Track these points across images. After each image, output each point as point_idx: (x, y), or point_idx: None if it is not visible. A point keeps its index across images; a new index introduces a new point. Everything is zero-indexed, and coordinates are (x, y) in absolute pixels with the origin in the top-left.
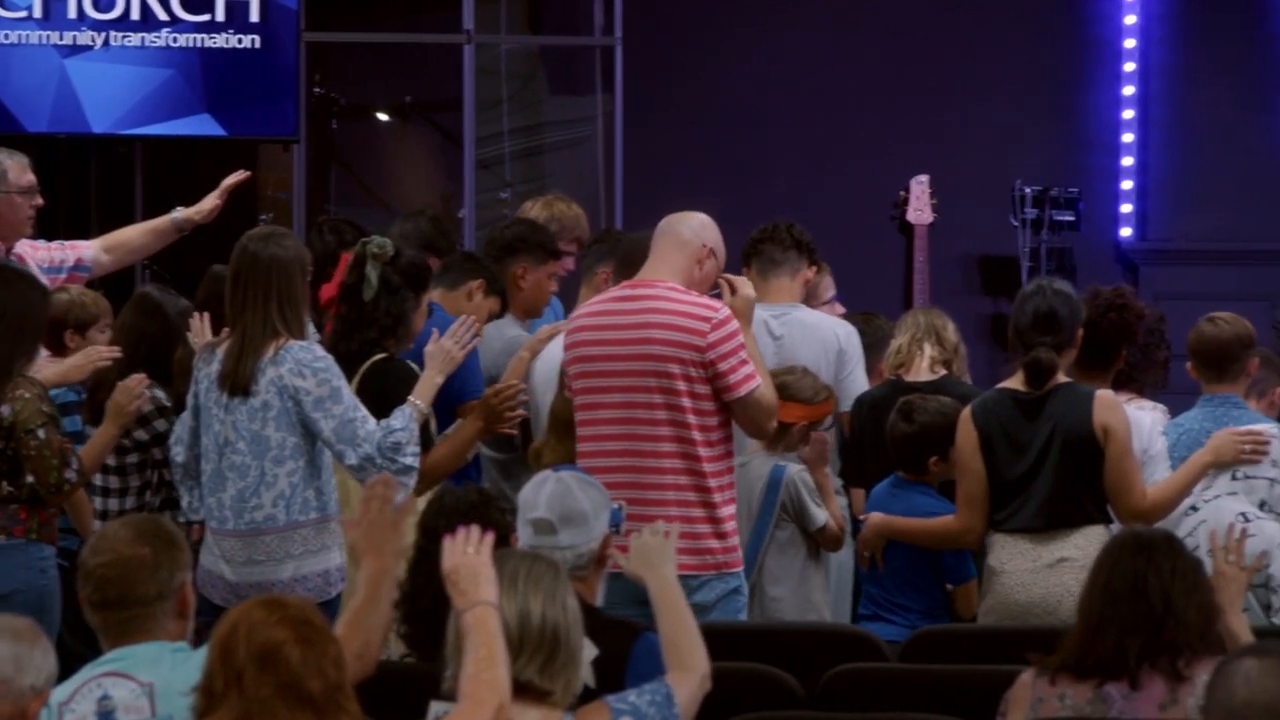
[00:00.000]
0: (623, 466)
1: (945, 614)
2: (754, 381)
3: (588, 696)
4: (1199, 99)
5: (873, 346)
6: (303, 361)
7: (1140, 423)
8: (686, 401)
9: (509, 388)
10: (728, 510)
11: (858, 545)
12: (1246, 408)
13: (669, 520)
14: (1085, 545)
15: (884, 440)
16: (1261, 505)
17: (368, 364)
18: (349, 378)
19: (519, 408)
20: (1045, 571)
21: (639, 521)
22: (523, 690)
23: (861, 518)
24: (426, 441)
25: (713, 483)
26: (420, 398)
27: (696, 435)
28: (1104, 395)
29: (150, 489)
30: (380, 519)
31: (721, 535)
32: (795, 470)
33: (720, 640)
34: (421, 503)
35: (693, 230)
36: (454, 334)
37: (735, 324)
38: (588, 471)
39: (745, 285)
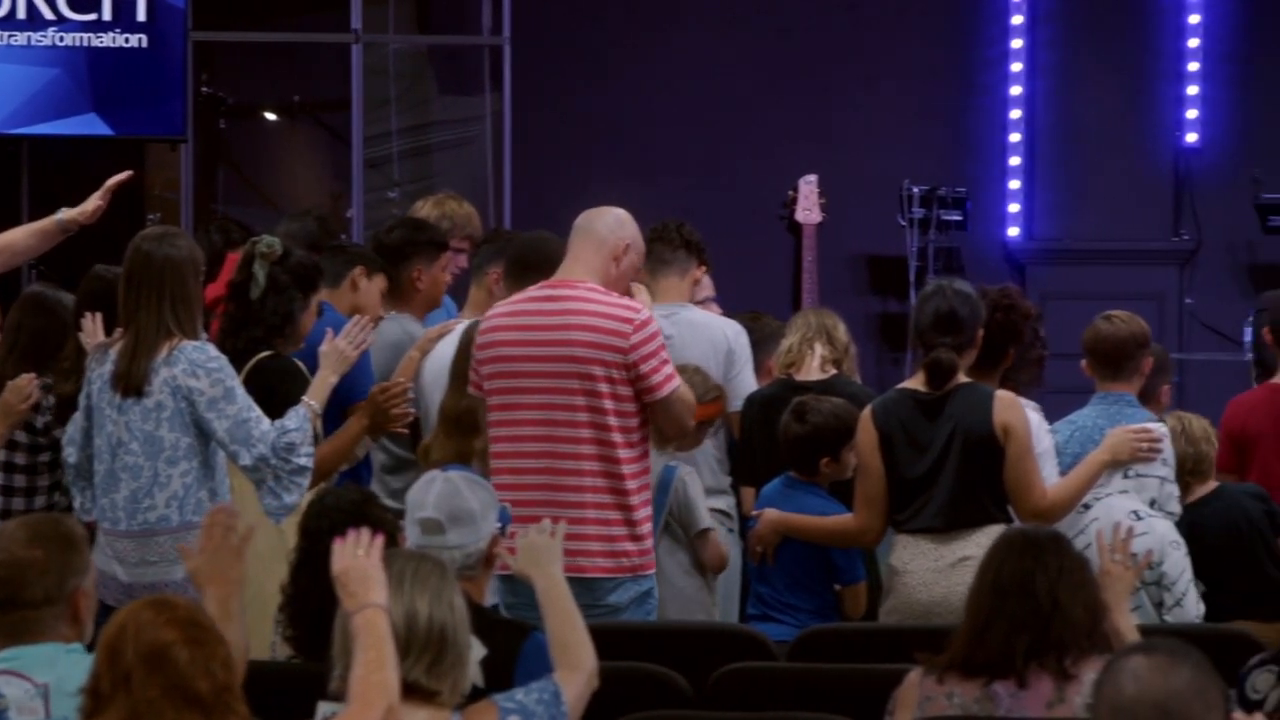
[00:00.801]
0: (541, 469)
1: (834, 614)
2: (675, 381)
3: (476, 696)
4: (1085, 99)
5: (760, 344)
6: (196, 362)
7: (1029, 421)
8: (608, 404)
9: (395, 385)
10: (644, 513)
11: (749, 541)
12: (1139, 406)
13: (586, 523)
14: (986, 545)
15: (774, 439)
16: (1152, 503)
17: (252, 362)
18: None
19: (406, 406)
20: (947, 571)
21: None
22: (411, 691)
23: (755, 513)
24: (313, 441)
25: (631, 484)
26: (314, 398)
27: (617, 438)
28: (1004, 395)
29: (60, 489)
30: (222, 547)
31: (637, 538)
32: (685, 472)
33: (609, 639)
34: (306, 502)
35: (609, 227)
36: (347, 334)
37: (655, 325)
38: (503, 473)
39: (641, 292)
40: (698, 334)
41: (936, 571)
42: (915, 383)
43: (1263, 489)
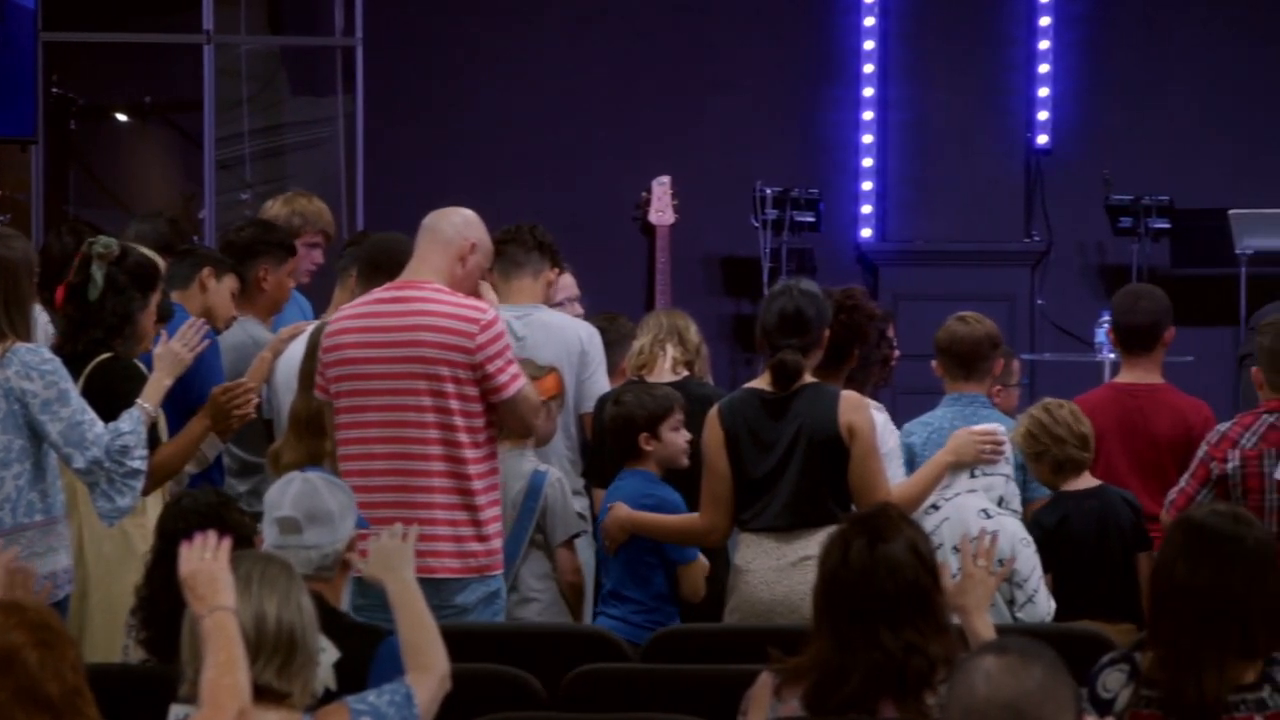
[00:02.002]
0: (389, 470)
1: (668, 602)
2: (521, 380)
3: (329, 699)
4: (936, 101)
5: (614, 346)
6: (30, 364)
7: (874, 421)
8: (455, 404)
9: (237, 385)
10: (491, 513)
11: (601, 532)
12: (991, 407)
13: (435, 524)
14: None
15: None
16: (999, 502)
17: (92, 364)
18: (74, 378)
19: (247, 407)
20: (789, 570)
21: (406, 525)
22: (262, 693)
23: (608, 505)
24: (154, 443)
25: (478, 484)
26: (148, 400)
27: (464, 438)
28: (849, 395)
29: None
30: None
31: (484, 538)
32: (555, 477)
33: (462, 641)
34: (153, 504)
35: (455, 228)
36: (183, 336)
37: (502, 325)
38: (352, 475)
39: (488, 291)
40: (551, 335)
41: (778, 570)
42: (762, 382)
43: (1136, 499)
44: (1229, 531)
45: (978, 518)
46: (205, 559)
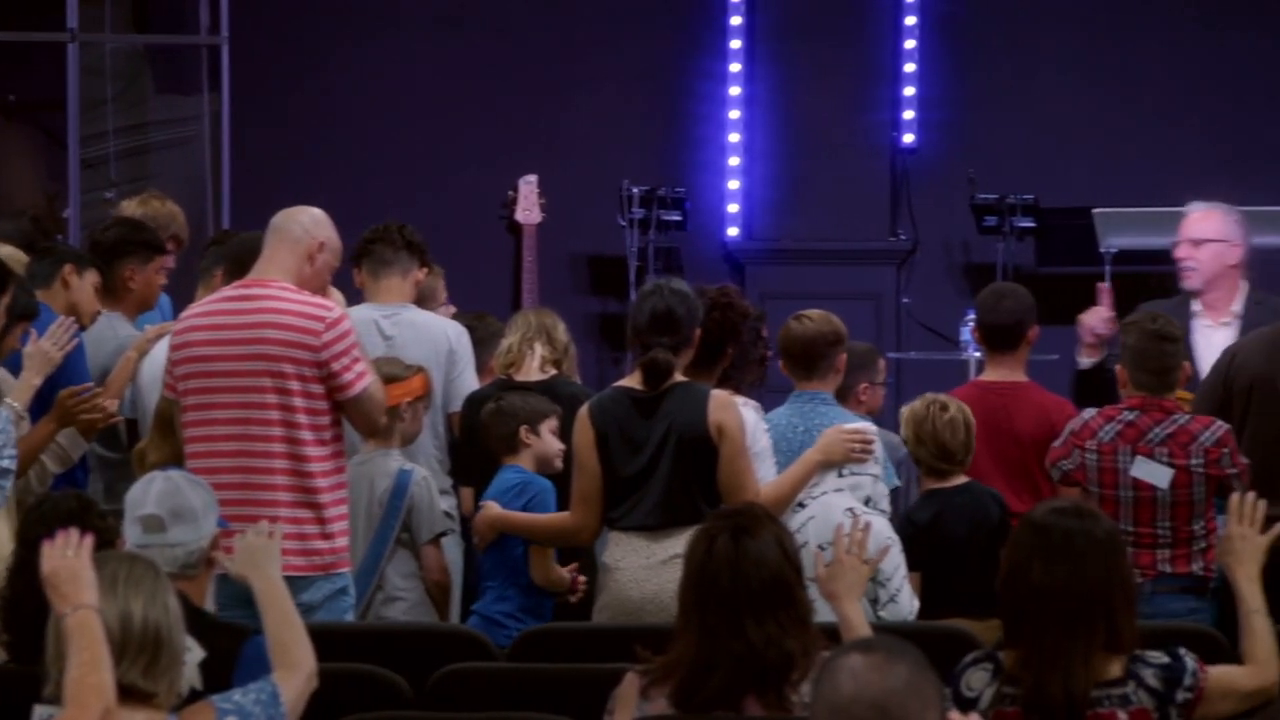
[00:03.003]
0: (234, 467)
1: (541, 600)
2: (367, 379)
3: (195, 698)
4: (803, 100)
5: (482, 344)
6: None
7: (747, 420)
8: (299, 402)
9: (84, 388)
10: (336, 511)
11: (472, 529)
12: (835, 404)
13: (278, 521)
14: None
15: None
16: (867, 501)
17: None
18: None
19: (95, 412)
20: (658, 568)
21: (251, 523)
22: (127, 693)
23: (480, 505)
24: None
25: (322, 482)
26: (16, 399)
27: (308, 435)
28: (719, 394)
29: None
30: None
31: (328, 536)
32: (421, 475)
33: (329, 640)
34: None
35: (303, 227)
36: (52, 335)
37: (348, 323)
38: (198, 473)
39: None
40: (419, 335)
41: (648, 569)
42: (632, 381)
43: (1002, 495)
44: (1078, 527)
45: (844, 517)
46: (67, 557)
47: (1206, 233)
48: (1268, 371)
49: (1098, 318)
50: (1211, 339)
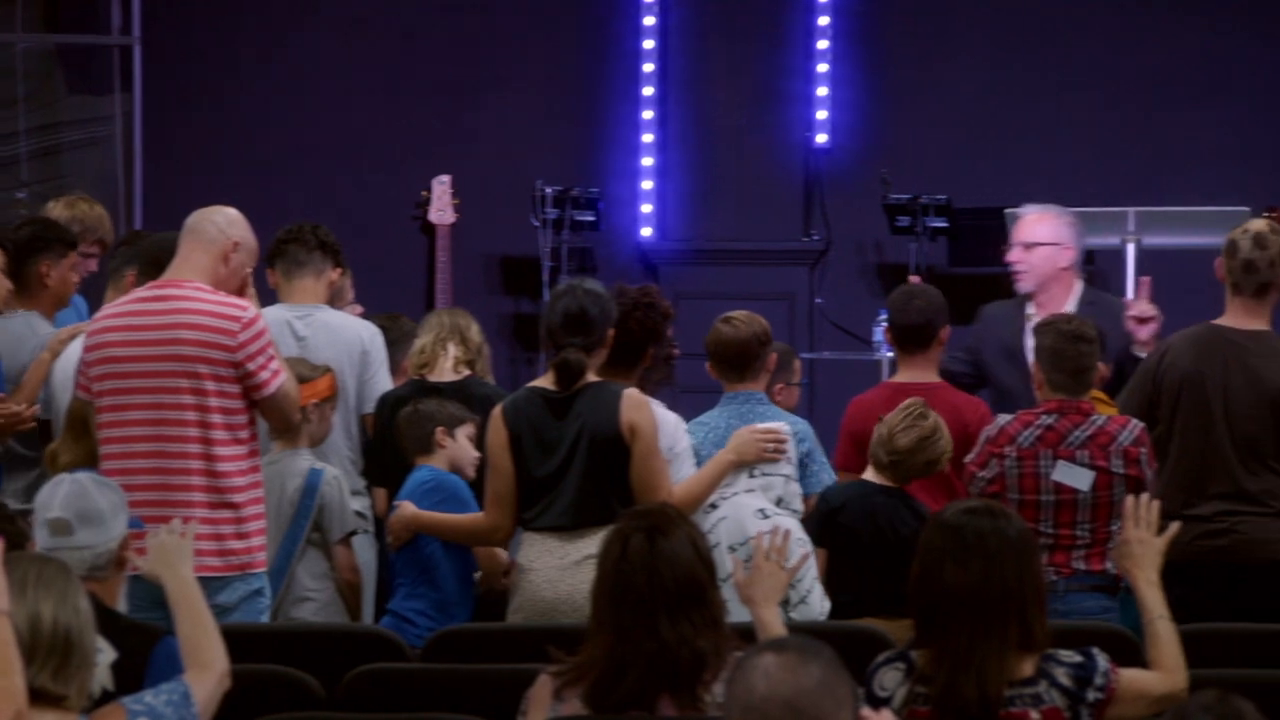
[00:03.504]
0: (149, 469)
1: (457, 600)
2: (281, 376)
3: (106, 700)
4: (716, 100)
5: (396, 345)
6: None
7: (666, 421)
8: (214, 402)
9: None
10: (252, 510)
11: (387, 530)
12: (769, 404)
13: (193, 522)
14: None
15: None
16: (778, 502)
17: None
18: None
19: (8, 415)
20: (572, 569)
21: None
22: (37, 696)
23: (396, 503)
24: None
25: (238, 482)
26: None
27: (224, 436)
28: (631, 394)
29: None
30: None
31: (244, 536)
32: (332, 474)
33: (241, 641)
34: None
35: (218, 227)
36: None
37: (263, 323)
38: (114, 474)
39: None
40: (333, 336)
41: (561, 569)
42: (545, 382)
43: (928, 510)
44: (990, 527)
45: (755, 517)
46: None
47: (1038, 236)
48: (1197, 370)
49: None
50: None
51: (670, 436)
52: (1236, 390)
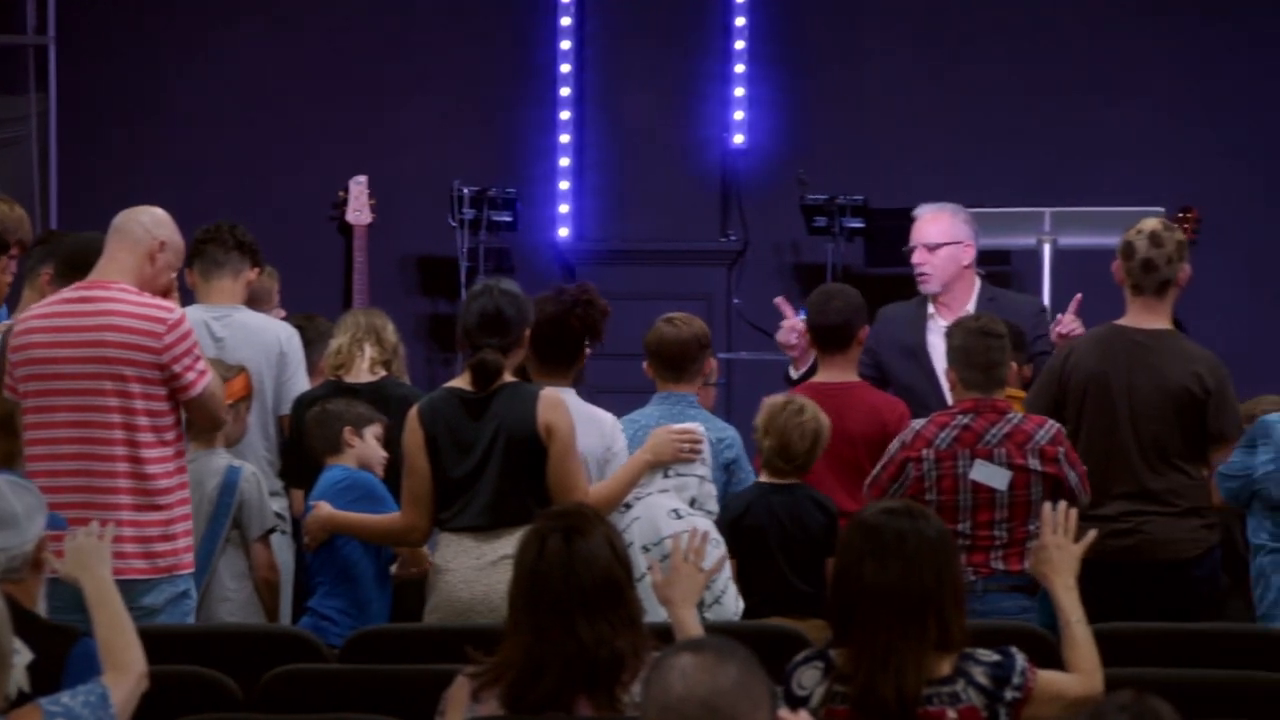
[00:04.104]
0: (75, 470)
1: (352, 590)
2: (208, 377)
3: (23, 702)
4: (633, 101)
5: (313, 344)
6: None
7: (602, 420)
8: (140, 404)
9: None
10: (179, 512)
11: (303, 530)
12: (699, 407)
13: (121, 524)
14: None
15: None
16: (692, 502)
17: None
18: None
19: None
20: (488, 569)
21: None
22: None
23: (312, 503)
24: None
25: (164, 484)
26: None
27: (150, 438)
28: (548, 395)
29: None
30: None
31: (171, 538)
32: (250, 471)
33: (159, 642)
34: None
35: (144, 227)
36: None
37: (188, 324)
38: (39, 475)
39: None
40: (250, 337)
41: (478, 569)
42: (461, 382)
43: (831, 501)
44: (909, 528)
45: (668, 518)
46: None
47: (939, 236)
48: (1101, 371)
49: (788, 330)
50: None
51: (608, 436)
52: (1140, 390)
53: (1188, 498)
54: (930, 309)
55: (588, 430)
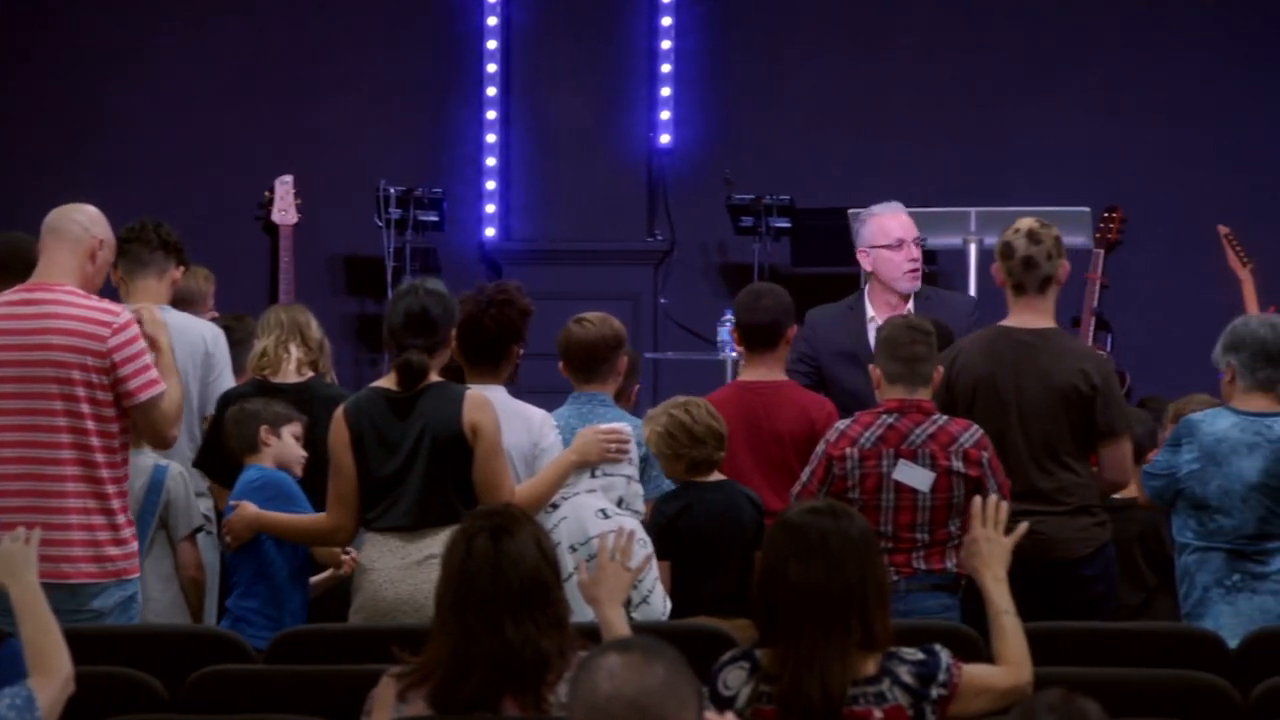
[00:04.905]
0: (22, 474)
1: (270, 589)
2: (157, 387)
3: None
4: (560, 101)
5: (240, 345)
6: None
7: (530, 417)
8: (86, 408)
9: None
10: (126, 517)
11: (223, 530)
12: (613, 405)
13: (70, 528)
14: None
15: None
16: (619, 502)
17: None
18: None
19: None
20: (414, 569)
21: (31, 530)
22: None
23: (234, 503)
24: None
25: (111, 488)
26: None
27: (97, 442)
28: (474, 395)
29: None
30: None
31: (120, 542)
32: (177, 470)
33: (85, 643)
34: None
35: (82, 226)
36: None
37: (136, 329)
38: None
39: (150, 312)
40: (176, 337)
41: (403, 569)
42: (387, 382)
43: (760, 498)
44: (833, 527)
45: (596, 517)
46: None
47: (917, 231)
48: (989, 373)
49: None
50: None
51: (536, 433)
52: (1028, 390)
53: (1077, 496)
54: (870, 312)
55: (515, 426)
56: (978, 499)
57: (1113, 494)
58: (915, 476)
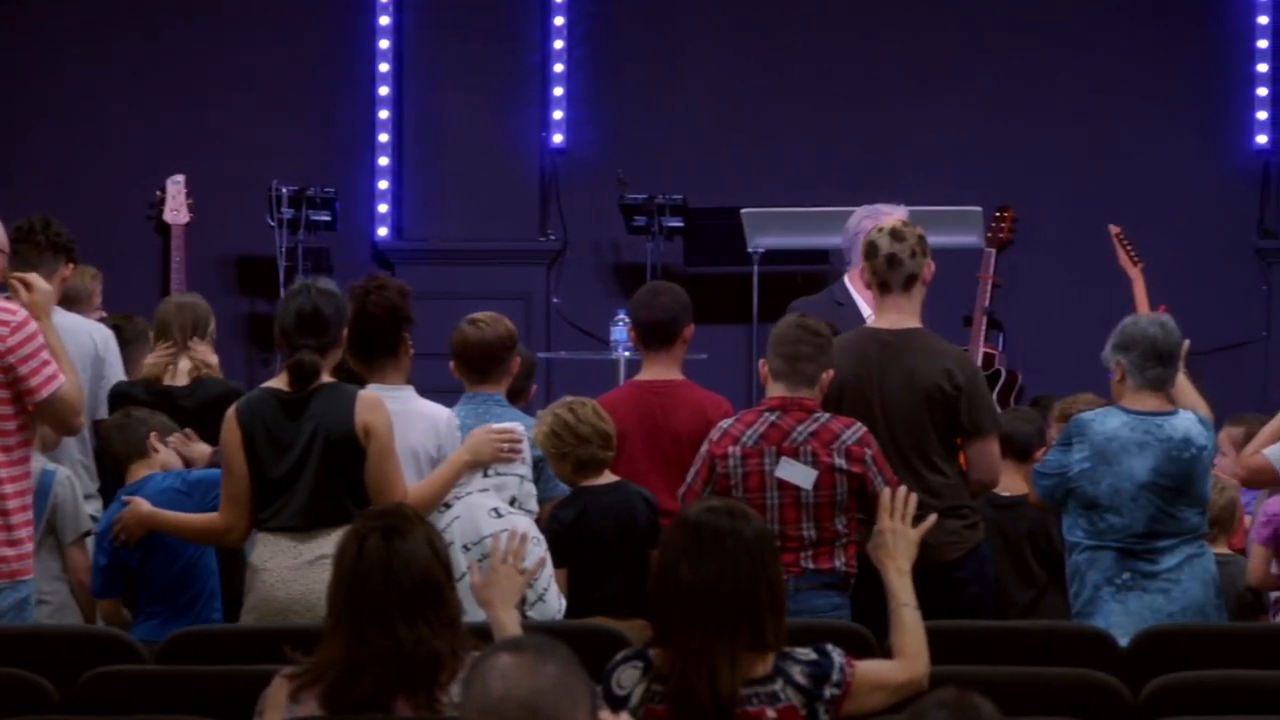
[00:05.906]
0: None
1: (198, 599)
2: (57, 381)
3: None
4: (452, 100)
5: (131, 344)
6: None
7: (437, 418)
8: None
9: None
10: (22, 518)
11: (118, 525)
12: (508, 405)
13: None
14: None
15: None
16: (512, 501)
17: None
18: None
19: None
20: (305, 568)
21: None
22: None
23: (126, 498)
24: None
25: (9, 489)
26: None
27: None
28: (367, 395)
29: None
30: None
31: (15, 543)
32: (65, 475)
33: None
34: None
35: None
36: None
37: (34, 325)
38: None
39: (39, 281)
40: (66, 339)
41: (295, 569)
42: (279, 382)
43: (653, 496)
44: (727, 527)
45: (488, 517)
46: None
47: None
48: (855, 375)
49: None
50: None
51: (443, 435)
52: (894, 391)
53: (945, 497)
54: (865, 311)
55: (421, 427)
56: (886, 490)
57: (983, 494)
58: (797, 474)
